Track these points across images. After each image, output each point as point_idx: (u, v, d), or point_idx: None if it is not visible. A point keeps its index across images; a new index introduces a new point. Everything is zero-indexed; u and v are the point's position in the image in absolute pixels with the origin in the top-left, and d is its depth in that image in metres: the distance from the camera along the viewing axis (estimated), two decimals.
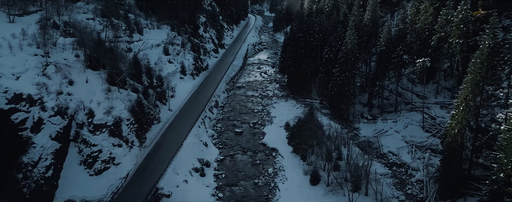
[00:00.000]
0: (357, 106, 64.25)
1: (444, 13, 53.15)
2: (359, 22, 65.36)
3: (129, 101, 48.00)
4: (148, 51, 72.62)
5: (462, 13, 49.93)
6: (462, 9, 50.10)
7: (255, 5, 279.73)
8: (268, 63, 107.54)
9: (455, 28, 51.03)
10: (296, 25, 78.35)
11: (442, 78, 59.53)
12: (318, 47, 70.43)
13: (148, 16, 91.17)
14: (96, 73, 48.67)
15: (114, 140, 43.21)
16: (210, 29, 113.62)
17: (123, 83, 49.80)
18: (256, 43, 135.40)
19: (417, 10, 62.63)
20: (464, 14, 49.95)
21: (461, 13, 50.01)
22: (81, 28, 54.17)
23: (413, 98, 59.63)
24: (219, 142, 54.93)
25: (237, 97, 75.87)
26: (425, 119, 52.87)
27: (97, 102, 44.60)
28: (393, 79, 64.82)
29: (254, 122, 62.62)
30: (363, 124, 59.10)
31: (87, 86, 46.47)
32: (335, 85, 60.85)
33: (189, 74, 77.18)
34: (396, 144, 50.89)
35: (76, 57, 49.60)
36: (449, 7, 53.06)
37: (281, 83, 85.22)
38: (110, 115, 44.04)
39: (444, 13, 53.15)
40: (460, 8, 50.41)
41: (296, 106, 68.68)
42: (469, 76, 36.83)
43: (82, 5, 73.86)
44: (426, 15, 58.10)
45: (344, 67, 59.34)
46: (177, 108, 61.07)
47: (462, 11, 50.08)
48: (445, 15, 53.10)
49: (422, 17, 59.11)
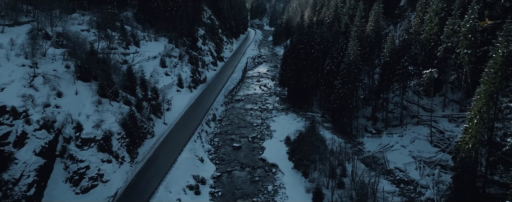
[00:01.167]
0: (361, 119, 61.70)
1: (451, 22, 51.14)
2: (361, 33, 63.39)
3: (120, 113, 45.47)
4: (145, 63, 70.64)
5: (470, 22, 47.89)
6: (470, 18, 48.10)
7: (255, 20, 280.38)
8: (268, 76, 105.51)
9: (463, 38, 48.97)
10: (296, 37, 76.49)
11: (449, 91, 57.10)
12: (319, 59, 68.33)
13: (145, 28, 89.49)
14: (87, 85, 46.28)
15: (103, 155, 40.47)
16: (209, 42, 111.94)
17: (115, 96, 47.34)
18: (256, 56, 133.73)
19: (421, 20, 60.70)
20: (472, 23, 47.91)
21: (469, 22, 47.97)
22: (73, 37, 52.23)
23: (419, 111, 57.06)
24: (216, 157, 52.12)
25: (236, 111, 73.35)
26: (433, 133, 50.23)
27: (86, 114, 42.04)
28: (398, 91, 62.47)
29: (253, 136, 59.94)
30: (367, 138, 56.41)
31: (77, 99, 44.03)
32: (337, 98, 58.47)
33: (186, 87, 74.84)
34: (403, 160, 48.12)
35: (66, 68, 47.36)
36: (455, 17, 51.07)
37: (281, 96, 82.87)
38: (99, 128, 41.42)
39: (451, 23, 51.14)
40: (468, 17, 48.40)
41: (296, 119, 66.12)
42: (482, 87, 34.44)
43: (78, 17, 72.16)
44: (431, 25, 56.11)
45: (346, 79, 57.07)
46: (173, 122, 58.49)
47: (469, 21, 48.03)
48: (451, 24, 51.07)
49: (427, 28, 57.12)
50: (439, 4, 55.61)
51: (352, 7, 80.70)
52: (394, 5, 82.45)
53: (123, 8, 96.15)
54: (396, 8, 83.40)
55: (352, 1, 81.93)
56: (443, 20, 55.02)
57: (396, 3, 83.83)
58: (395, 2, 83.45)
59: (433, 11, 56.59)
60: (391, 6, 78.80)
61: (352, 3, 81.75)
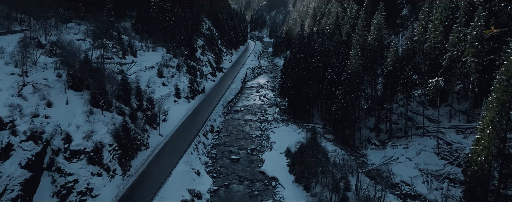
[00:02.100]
0: (364, 131, 59.58)
1: (456, 30, 49.51)
2: (363, 42, 61.82)
3: (113, 124, 43.45)
4: (142, 73, 68.94)
5: (477, 29, 46.26)
6: (476, 25, 46.49)
7: (255, 32, 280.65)
8: (268, 87, 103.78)
9: (470, 46, 47.27)
10: (297, 46, 74.97)
11: (455, 101, 55.16)
12: (320, 68, 66.61)
13: (143, 38, 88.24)
14: (79, 94, 44.37)
15: (93, 168, 38.30)
16: (208, 52, 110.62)
17: (108, 106, 45.40)
18: (255, 67, 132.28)
19: (424, 29, 59.15)
20: (479, 31, 46.28)
21: (475, 30, 46.35)
22: (67, 46, 50.59)
23: (425, 122, 54.99)
24: (213, 170, 49.83)
25: (235, 122, 71.28)
26: (439, 145, 48.07)
27: (76, 125, 40.01)
28: (401, 102, 60.57)
29: (252, 148, 57.74)
30: (371, 150, 54.22)
31: (67, 109, 42.07)
32: (339, 108, 56.52)
33: (184, 97, 72.98)
34: (408, 173, 45.84)
35: (58, 77, 45.61)
36: (460, 25, 49.48)
37: (281, 107, 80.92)
38: (90, 139, 39.35)
39: (456, 31, 49.51)
40: (474, 24, 46.81)
41: (297, 130, 64.01)
42: (494, 96, 32.46)
43: (73, 26, 70.99)
44: (435, 34, 54.50)
45: (348, 89, 55.22)
46: (169, 133, 56.41)
47: (476, 28, 46.43)
48: (456, 32, 49.44)
49: (431, 36, 55.52)
50: (443, 12, 54.14)
51: (353, 17, 79.42)
52: (395, 14, 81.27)
53: (121, 18, 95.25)
54: (398, 17, 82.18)
55: (353, 11, 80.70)
56: (447, 28, 53.45)
57: (397, 12, 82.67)
58: (397, 11, 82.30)
59: (437, 19, 55.09)
60: (393, 16, 77.55)
61: (353, 12, 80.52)
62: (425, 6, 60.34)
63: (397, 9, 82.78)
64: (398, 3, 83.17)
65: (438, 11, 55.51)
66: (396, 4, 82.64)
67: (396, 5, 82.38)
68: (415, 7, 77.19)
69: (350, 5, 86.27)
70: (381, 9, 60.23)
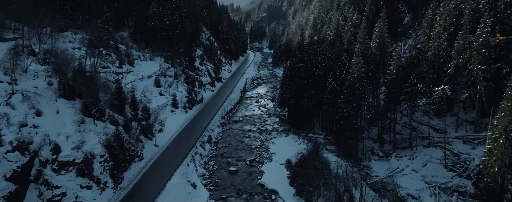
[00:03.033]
0: (367, 141, 57.59)
1: (461, 37, 47.98)
2: (365, 50, 60.29)
3: (105, 134, 41.48)
4: (138, 82, 67.35)
5: (483, 36, 44.71)
6: (483, 32, 44.96)
7: (255, 43, 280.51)
8: (267, 97, 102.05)
9: (476, 53, 45.66)
10: (297, 55, 73.48)
11: (461, 111, 53.28)
12: (320, 77, 64.92)
13: (141, 48, 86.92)
14: (70, 103, 42.55)
15: (82, 180, 36.20)
16: (207, 62, 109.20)
17: (101, 115, 43.49)
18: (255, 77, 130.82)
19: (427, 37, 57.66)
20: (485, 37, 44.74)
21: (482, 36, 44.80)
22: (60, 54, 49.02)
23: (430, 132, 53.01)
24: (210, 182, 47.62)
25: (233, 132, 69.25)
26: (447, 156, 46.03)
27: (66, 135, 38.06)
28: (405, 111, 58.71)
29: (251, 159, 55.61)
30: (375, 162, 52.12)
31: (57, 118, 40.20)
32: (341, 118, 54.67)
33: (181, 107, 71.13)
34: (415, 185, 43.66)
35: (49, 85, 43.89)
36: (466, 31, 47.97)
37: (281, 117, 79.00)
38: (79, 150, 37.37)
39: (461, 38, 47.97)
40: (480, 31, 45.29)
41: (298, 141, 61.95)
42: (506, 103, 30.71)
43: (69, 34, 69.62)
44: (439, 41, 52.96)
45: (350, 98, 53.46)
46: (165, 144, 54.38)
47: (482, 34, 44.88)
48: (462, 39, 47.89)
49: (435, 44, 53.97)
50: (448, 19, 52.72)
51: (353, 25, 78.15)
52: (397, 23, 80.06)
53: (119, 28, 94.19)
54: (399, 26, 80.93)
55: (354, 19, 79.50)
56: (452, 35, 51.95)
57: (399, 21, 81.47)
58: (398, 20, 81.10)
59: (441, 26, 53.63)
60: (394, 25, 76.31)
61: (353, 20, 79.30)
62: (428, 14, 58.96)
63: (398, 18, 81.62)
64: (399, 12, 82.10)
65: (442, 18, 54.11)
66: (398, 13, 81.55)
67: (397, 13, 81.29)
68: (417, 16, 76.00)
69: (350, 13, 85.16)
70: (383, 17, 58.82)
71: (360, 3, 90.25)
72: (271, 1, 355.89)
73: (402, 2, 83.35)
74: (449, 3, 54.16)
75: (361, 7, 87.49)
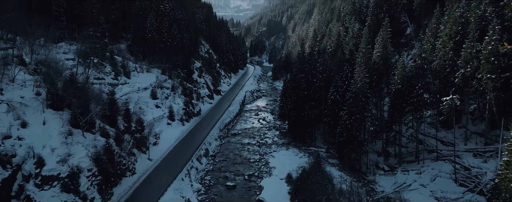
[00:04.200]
0: (371, 155, 55.06)
1: (468, 45, 46.04)
2: (367, 60, 58.37)
3: (94, 147, 39.09)
4: (134, 94, 65.27)
5: (492, 44, 42.78)
6: (491, 39, 43.04)
7: (254, 57, 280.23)
8: (267, 109, 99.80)
9: (485, 62, 43.62)
10: (297, 66, 71.58)
11: (469, 122, 50.92)
12: (322, 88, 62.82)
13: (138, 59, 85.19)
14: (58, 114, 40.26)
15: (67, 196, 33.63)
16: (206, 75, 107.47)
17: (91, 126, 41.21)
18: (255, 90, 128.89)
19: (432, 46, 55.78)
20: (494, 45, 42.80)
21: (490, 44, 42.85)
22: (51, 63, 47.09)
23: (438, 145, 50.52)
24: (206, 198, 44.90)
25: (231, 145, 66.69)
26: (457, 170, 43.45)
27: (51, 147, 35.67)
28: (410, 123, 56.40)
29: (250, 173, 52.98)
30: (380, 176, 49.50)
31: (44, 129, 37.86)
32: (343, 130, 52.32)
33: (178, 119, 68.83)
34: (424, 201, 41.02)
35: (37, 95, 41.65)
36: (473, 40, 46.06)
37: (281, 130, 76.57)
38: (65, 164, 34.93)
39: (468, 46, 46.03)
40: (489, 38, 43.37)
41: (298, 154, 59.41)
42: None
43: (64, 45, 67.89)
44: (445, 50, 51.04)
45: (353, 109, 51.21)
46: (159, 157, 51.90)
47: (491, 42, 42.95)
48: (469, 48, 45.95)
49: (440, 53, 52.04)
50: (453, 27, 50.92)
51: (355, 36, 76.52)
52: (399, 34, 78.39)
53: (116, 40, 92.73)
54: (402, 37, 79.31)
55: (355, 30, 77.94)
56: (458, 44, 50.05)
57: (401, 31, 79.87)
58: (400, 30, 79.50)
59: (446, 35, 51.80)
60: (397, 35, 74.60)
61: (355, 31, 77.74)
62: (432, 23, 57.25)
63: (401, 28, 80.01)
64: (401, 23, 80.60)
65: (447, 26, 52.32)
66: (400, 24, 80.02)
67: (399, 24, 79.74)
68: (420, 26, 74.41)
69: (352, 24, 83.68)
70: (386, 25, 57.14)
71: (361, 14, 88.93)
72: (271, 16, 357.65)
73: (404, 12, 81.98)
74: (454, 11, 52.45)
75: (362, 18, 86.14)
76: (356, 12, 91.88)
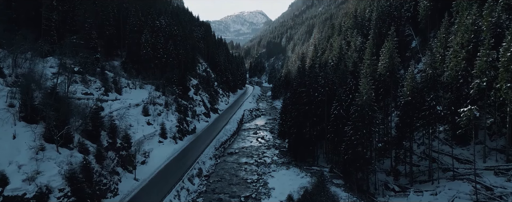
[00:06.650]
0: (379, 174, 50.40)
1: (484, 53, 42.36)
2: (373, 72, 54.61)
3: (69, 164, 34.56)
4: (124, 110, 61.19)
5: (510, 50, 39.08)
6: (509, 45, 39.39)
7: (254, 77, 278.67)
8: (266, 128, 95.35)
9: (503, 70, 39.80)
10: (297, 80, 67.78)
11: (487, 138, 46.56)
12: (324, 102, 58.76)
13: (131, 76, 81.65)
14: (31, 127, 35.99)
15: None
16: (203, 92, 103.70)
17: (67, 141, 36.83)
18: (253, 109, 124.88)
19: (442, 57, 52.18)
20: None
21: (509, 50, 39.16)
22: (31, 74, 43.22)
23: (454, 163, 45.94)
24: None
25: (228, 165, 61.88)
26: (477, 190, 38.75)
27: (18, 164, 31.18)
28: (421, 139, 52.00)
29: (247, 195, 48.07)
30: (391, 198, 44.64)
31: (13, 144, 33.51)
32: (348, 147, 47.87)
33: (171, 137, 64.36)
34: None
35: (10, 107, 37.54)
36: (488, 47, 42.45)
37: (281, 149, 71.91)
38: (33, 182, 30.37)
39: (484, 54, 42.35)
40: (506, 44, 39.73)
41: (300, 174, 54.69)
42: None
43: (52, 60, 64.40)
44: (457, 60, 47.36)
45: (359, 124, 46.93)
46: (147, 177, 47.23)
47: (509, 49, 39.27)
48: (485, 56, 42.25)
49: (452, 64, 48.36)
50: (465, 35, 47.43)
51: (357, 49, 73.15)
52: (404, 47, 75.09)
53: (111, 57, 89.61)
54: (407, 50, 75.89)
55: (358, 43, 74.66)
56: (471, 53, 46.47)
57: (406, 44, 76.54)
58: (405, 43, 76.20)
59: (457, 44, 48.28)
60: (402, 49, 71.30)
61: (357, 44, 74.43)
62: (441, 32, 53.87)
63: (406, 42, 76.77)
64: (406, 35, 77.43)
65: (458, 35, 48.86)
66: (404, 37, 76.85)
67: (404, 37, 76.56)
68: (426, 39, 71.15)
69: (354, 37, 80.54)
70: (392, 35, 53.68)
71: (363, 28, 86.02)
72: (270, 38, 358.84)
73: (409, 25, 78.97)
74: (465, 19, 49.12)
75: (364, 32, 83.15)
76: (358, 26, 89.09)
